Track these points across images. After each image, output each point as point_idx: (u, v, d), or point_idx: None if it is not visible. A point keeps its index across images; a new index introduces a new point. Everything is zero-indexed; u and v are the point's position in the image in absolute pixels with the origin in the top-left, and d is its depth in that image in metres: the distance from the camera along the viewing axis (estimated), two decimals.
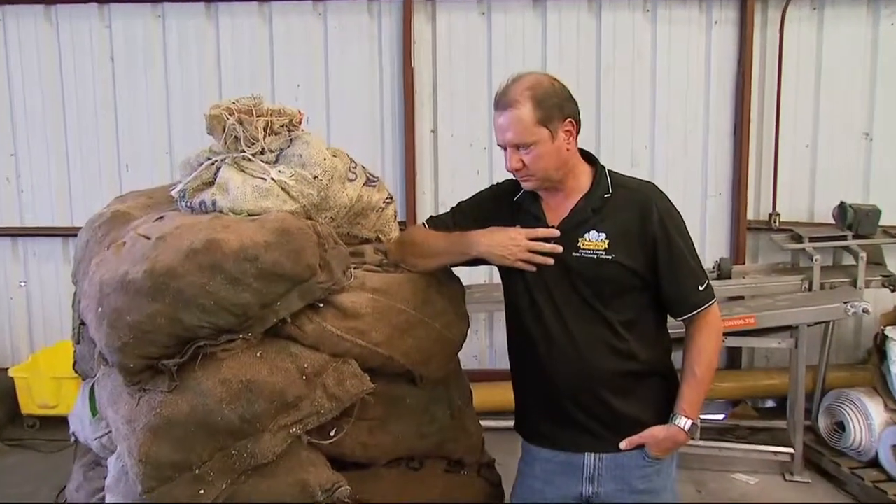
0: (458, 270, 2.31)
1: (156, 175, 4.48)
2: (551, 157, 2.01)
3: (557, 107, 1.99)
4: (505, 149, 2.04)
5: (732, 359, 4.69)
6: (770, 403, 4.54)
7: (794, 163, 4.58)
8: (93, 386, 2.23)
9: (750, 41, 4.45)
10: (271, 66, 4.57)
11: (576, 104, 2.04)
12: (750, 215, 4.61)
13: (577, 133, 2.05)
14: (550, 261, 2.04)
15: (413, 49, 4.51)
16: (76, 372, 2.44)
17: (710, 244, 4.62)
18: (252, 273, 1.91)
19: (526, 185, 2.10)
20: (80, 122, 4.66)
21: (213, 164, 2.25)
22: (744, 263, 4.56)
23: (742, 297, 4.12)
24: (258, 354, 1.97)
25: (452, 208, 2.30)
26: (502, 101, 2.00)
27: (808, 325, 3.72)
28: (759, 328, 3.64)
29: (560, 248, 2.04)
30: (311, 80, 4.59)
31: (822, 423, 4.02)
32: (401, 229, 2.52)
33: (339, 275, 2.07)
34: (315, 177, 2.18)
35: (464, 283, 2.37)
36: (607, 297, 2.04)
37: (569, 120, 2.01)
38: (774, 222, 4.56)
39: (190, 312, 1.89)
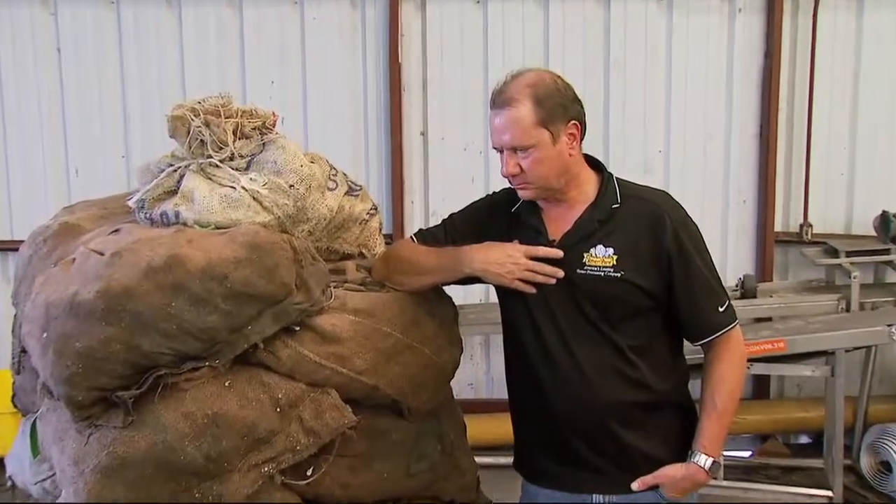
0: (450, 289, 2.32)
1: (110, 182, 4.42)
2: (552, 162, 2.04)
3: (560, 107, 2.02)
4: (501, 152, 2.07)
5: (760, 388, 4.70)
6: (804, 439, 4.56)
7: (828, 167, 4.60)
8: (34, 422, 2.21)
9: (778, 31, 4.47)
10: (242, 62, 4.58)
11: (581, 105, 2.07)
12: (778, 226, 4.63)
13: (583, 137, 2.08)
14: (552, 280, 2.06)
15: (401, 42, 4.53)
16: (15, 406, 2.42)
17: (732, 259, 4.64)
18: (220, 293, 1.91)
19: (523, 194, 2.12)
20: (22, 121, 4.63)
21: (175, 170, 2.26)
22: (771, 280, 4.57)
23: (769, 319, 4.14)
24: (226, 384, 1.97)
25: (444, 220, 2.33)
26: (499, 100, 2.03)
27: (846, 351, 3.73)
28: (789, 354, 3.65)
29: (561, 273, 2.06)
30: (286, 77, 4.60)
31: (865, 463, 4.01)
32: (387, 243, 2.55)
33: (317, 294, 2.08)
34: (291, 185, 2.19)
35: (457, 304, 2.39)
36: (616, 318, 2.06)
37: (573, 122, 2.04)
38: (806, 234, 4.59)
39: (149, 337, 1.89)
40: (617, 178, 2.15)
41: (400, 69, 4.54)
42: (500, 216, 2.22)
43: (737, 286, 4.24)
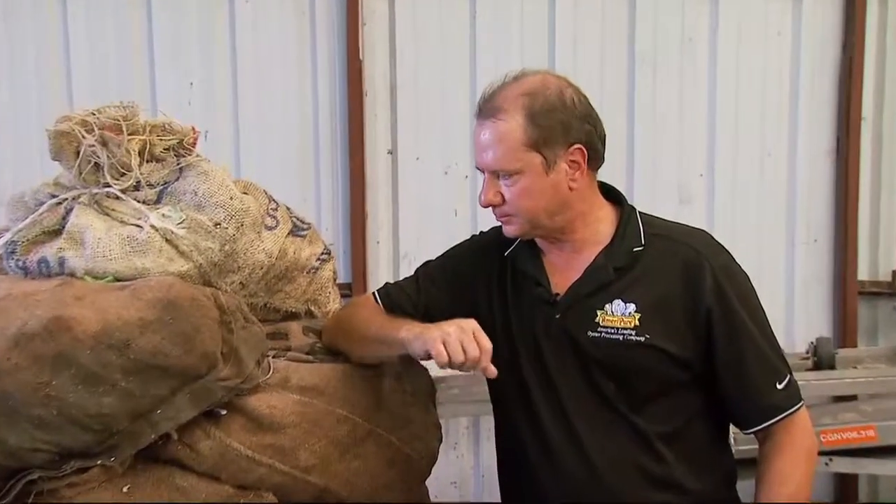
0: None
1: None
2: (542, 196, 2.10)
3: (561, 126, 2.07)
4: (484, 173, 2.14)
5: (843, 491, 4.66)
6: None
7: None
8: None
9: (861, 17, 4.49)
10: (150, 59, 4.51)
11: (595, 125, 2.12)
12: (861, 274, 4.62)
13: (597, 165, 2.14)
14: (475, 368, 2.00)
15: (362, 33, 4.52)
16: None
17: (800, 318, 4.64)
18: (119, 366, 1.90)
19: (507, 230, 2.18)
20: None
21: (60, 203, 2.27)
22: (854, 346, 4.54)
23: (854, 398, 4.13)
24: (124, 489, 1.97)
25: (417, 270, 2.38)
26: (485, 108, 2.10)
27: None
28: (882, 445, 3.63)
29: (494, 371, 2.00)
30: (210, 78, 4.54)
31: None
32: (344, 297, 2.58)
33: (250, 367, 2.09)
34: (217, 224, 2.21)
35: (434, 375, 2.43)
36: (639, 397, 2.09)
37: (577, 147, 2.09)
38: None
39: (18, 429, 1.87)
40: (640, 213, 2.19)
41: (361, 68, 4.53)
42: (489, 263, 2.27)
43: (807, 354, 4.21)
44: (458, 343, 1.95)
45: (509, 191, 2.09)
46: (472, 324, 1.99)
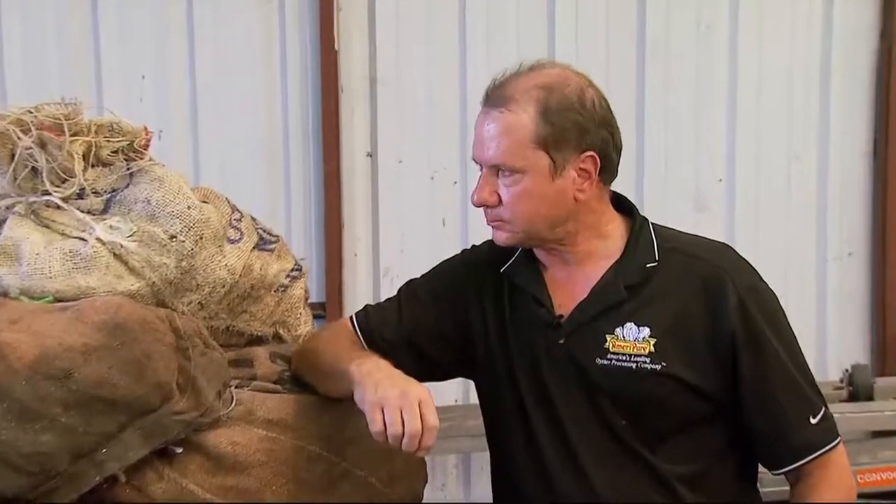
0: None
1: None
2: (543, 202, 2.10)
3: (576, 129, 2.06)
4: (481, 169, 2.15)
5: None
6: None
7: None
8: None
9: None
10: (95, 50, 4.51)
11: (612, 133, 2.12)
12: None
13: (610, 178, 2.15)
14: (423, 452, 2.00)
15: (337, 21, 4.51)
16: None
17: (833, 342, 4.66)
18: (59, 399, 1.88)
19: (497, 236, 2.18)
20: None
21: None
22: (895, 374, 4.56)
23: (895, 433, 4.16)
24: None
25: (400, 290, 2.38)
26: (494, 96, 2.11)
27: None
28: None
29: (427, 450, 1.99)
30: (164, 71, 4.54)
31: None
32: (317, 318, 2.61)
33: (210, 399, 2.08)
34: (172, 236, 2.20)
35: None
36: (656, 434, 2.09)
37: (589, 154, 2.08)
38: None
39: None
40: (653, 225, 2.20)
41: (337, 61, 4.53)
42: (482, 280, 2.27)
43: (842, 383, 4.24)
44: (397, 413, 1.93)
45: (508, 191, 2.09)
46: (419, 393, 1.97)
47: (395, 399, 1.94)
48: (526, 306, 2.20)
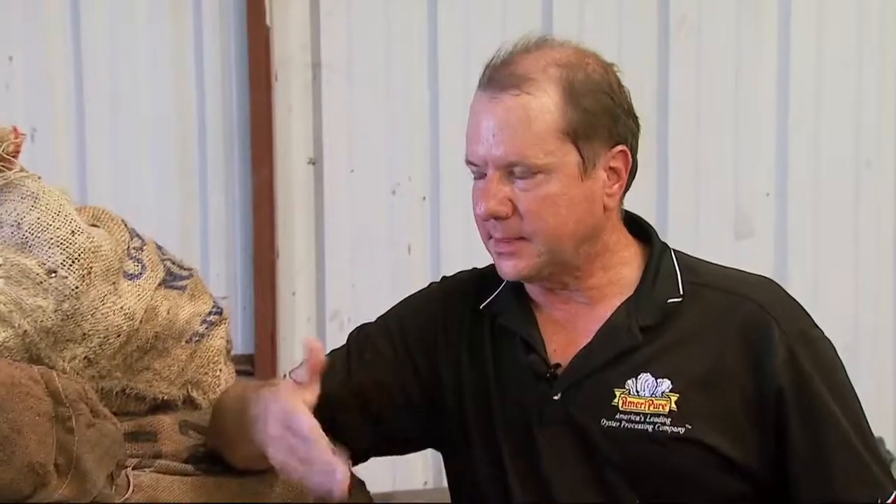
0: (374, 463, 2.25)
1: None
2: (572, 209, 2.03)
3: (608, 115, 2.03)
4: (481, 177, 2.05)
5: None
6: None
7: None
8: None
9: None
10: None
11: (637, 123, 2.09)
12: None
13: (628, 185, 2.10)
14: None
15: None
16: None
17: None
18: None
19: (506, 267, 2.08)
20: None
21: None
22: None
23: None
24: None
25: (350, 337, 2.30)
26: (500, 76, 2.03)
27: None
28: None
29: (346, 476, 1.90)
30: (38, 51, 4.27)
31: None
32: (243, 373, 2.71)
33: (100, 484, 2.00)
34: (51, 271, 2.11)
35: (377, 490, 2.46)
36: None
37: (620, 149, 2.04)
38: None
39: None
40: (676, 253, 2.14)
41: (269, 39, 4.29)
42: (455, 319, 2.21)
43: None
44: (288, 460, 1.94)
45: (527, 197, 2.00)
46: (285, 409, 1.95)
47: (276, 440, 1.96)
48: (513, 353, 2.13)
